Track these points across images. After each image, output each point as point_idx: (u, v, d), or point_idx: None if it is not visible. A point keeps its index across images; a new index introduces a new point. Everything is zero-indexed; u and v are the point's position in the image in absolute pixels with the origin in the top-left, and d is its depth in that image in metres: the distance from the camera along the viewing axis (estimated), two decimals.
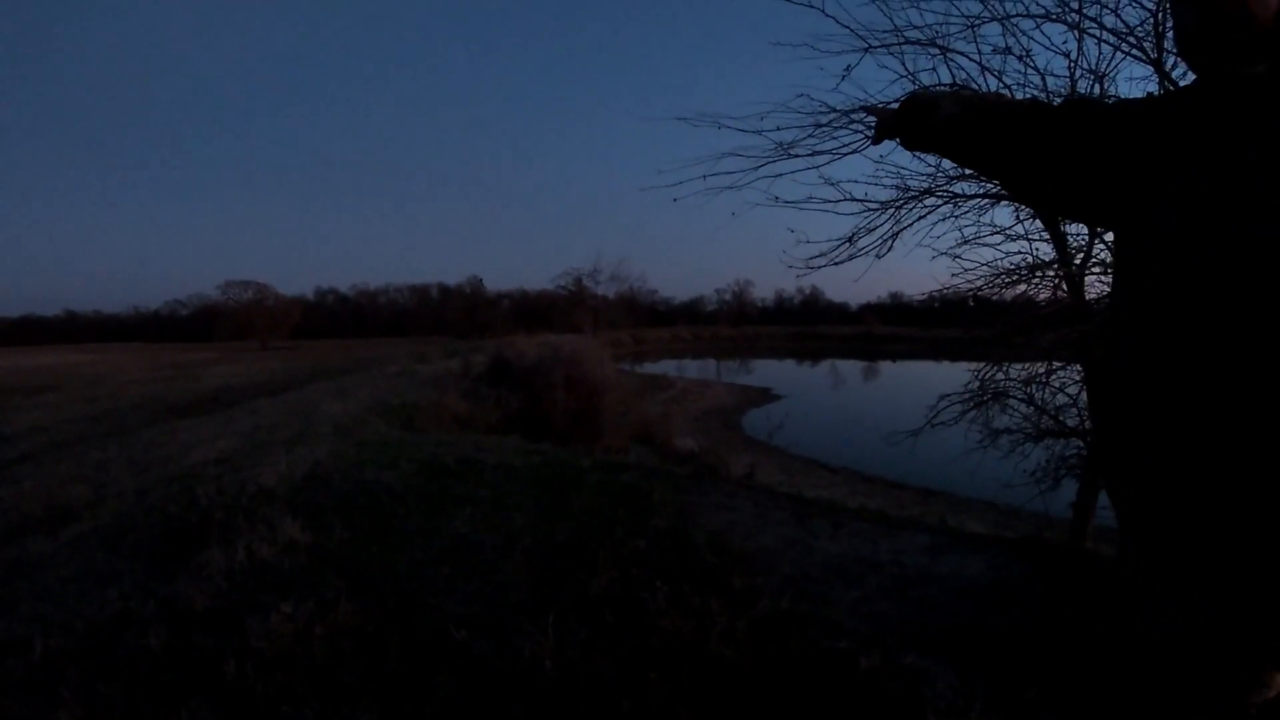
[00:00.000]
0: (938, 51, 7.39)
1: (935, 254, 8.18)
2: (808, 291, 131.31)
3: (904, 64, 7.47)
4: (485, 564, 6.35)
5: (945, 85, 7.31)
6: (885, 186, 7.94)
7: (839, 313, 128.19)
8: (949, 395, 9.78)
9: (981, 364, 10.04)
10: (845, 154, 7.56)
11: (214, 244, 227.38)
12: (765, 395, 47.49)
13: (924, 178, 7.89)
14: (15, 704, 4.78)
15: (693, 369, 70.12)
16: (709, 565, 5.88)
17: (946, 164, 7.64)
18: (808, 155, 7.52)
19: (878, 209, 7.96)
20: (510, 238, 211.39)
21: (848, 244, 8.05)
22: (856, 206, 7.92)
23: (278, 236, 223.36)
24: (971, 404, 9.64)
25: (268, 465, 10.28)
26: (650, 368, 68.43)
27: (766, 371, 69.43)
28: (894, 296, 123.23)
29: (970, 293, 8.63)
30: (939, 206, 8.03)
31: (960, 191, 7.86)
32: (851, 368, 73.23)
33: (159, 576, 6.80)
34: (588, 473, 9.21)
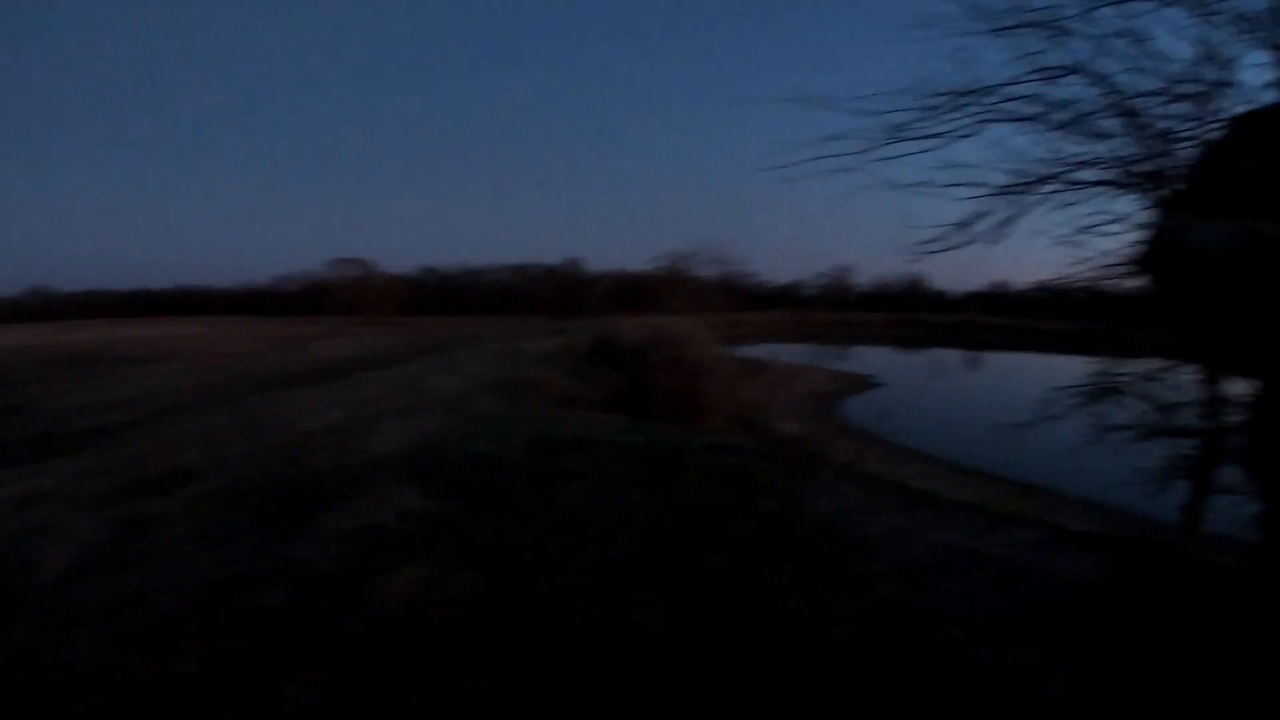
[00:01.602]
0: (1053, 33, 7.19)
1: (1050, 242, 7.94)
2: (908, 278, 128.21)
3: (1017, 45, 7.29)
4: (597, 537, 6.38)
5: (1061, 67, 7.12)
6: (1001, 171, 7.75)
7: (939, 300, 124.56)
8: (1061, 388, 9.51)
9: (1097, 358, 9.73)
10: (959, 137, 7.40)
11: (323, 222, 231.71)
12: (864, 382, 46.65)
13: (1042, 163, 7.69)
14: (135, 655, 4.89)
15: (791, 353, 69.23)
16: (821, 549, 5.84)
17: (1067, 148, 7.44)
18: (920, 138, 7.37)
19: (993, 194, 7.77)
20: (611, 219, 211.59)
21: (961, 229, 7.86)
22: (971, 191, 7.73)
23: (385, 216, 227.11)
24: (1082, 398, 9.36)
25: (380, 435, 10.51)
26: (748, 351, 67.74)
27: (865, 358, 68.16)
28: (997, 285, 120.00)
29: (1085, 283, 8.37)
30: (1057, 193, 7.81)
31: (1081, 179, 7.64)
32: (952, 357, 71.37)
33: (276, 538, 6.94)
34: (694, 453, 9.22)
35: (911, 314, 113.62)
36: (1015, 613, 4.93)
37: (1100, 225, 7.89)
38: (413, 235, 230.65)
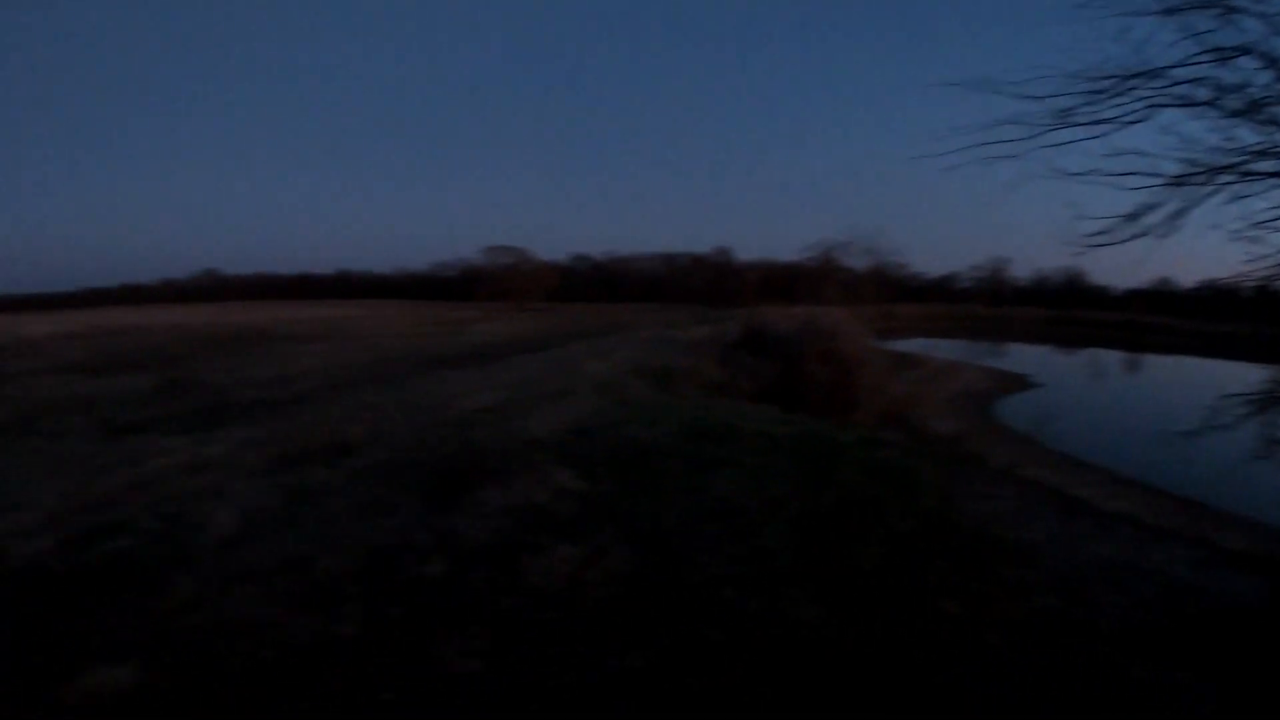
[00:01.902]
0: (1223, 11, 6.76)
1: (1223, 237, 7.43)
2: (1068, 272, 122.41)
3: (1187, 25, 6.88)
4: (749, 527, 6.27)
5: (1233, 48, 6.70)
6: (1173, 160, 7.31)
7: (1101, 297, 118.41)
8: (1230, 396, 8.88)
9: (1271, 364, 9.08)
10: (1128, 123, 7.02)
11: (480, 211, 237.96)
12: (1020, 382, 45.05)
13: (1218, 152, 7.22)
14: (296, 615, 5.07)
15: (944, 349, 67.28)
16: (978, 553, 5.66)
17: (1243, 136, 6.99)
18: (1087, 124, 7.02)
19: (1164, 184, 7.32)
20: (761, 208, 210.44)
21: (1129, 221, 7.44)
22: (1140, 181, 7.29)
23: (538, 205, 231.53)
24: (1253, 407, 8.73)
25: (535, 417, 10.67)
26: (900, 345, 66.22)
27: (1022, 356, 65.46)
28: (1161, 282, 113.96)
29: (1259, 282, 7.81)
30: (1231, 184, 7.32)
31: (1258, 169, 7.16)
32: (1113, 358, 68.11)
33: (436, 511, 7.09)
34: (848, 447, 9.03)
35: (1071, 310, 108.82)
36: (1171, 631, 4.68)
37: (1278, 220, 7.38)
38: (565, 223, 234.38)
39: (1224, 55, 6.48)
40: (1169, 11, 6.61)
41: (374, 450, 10.21)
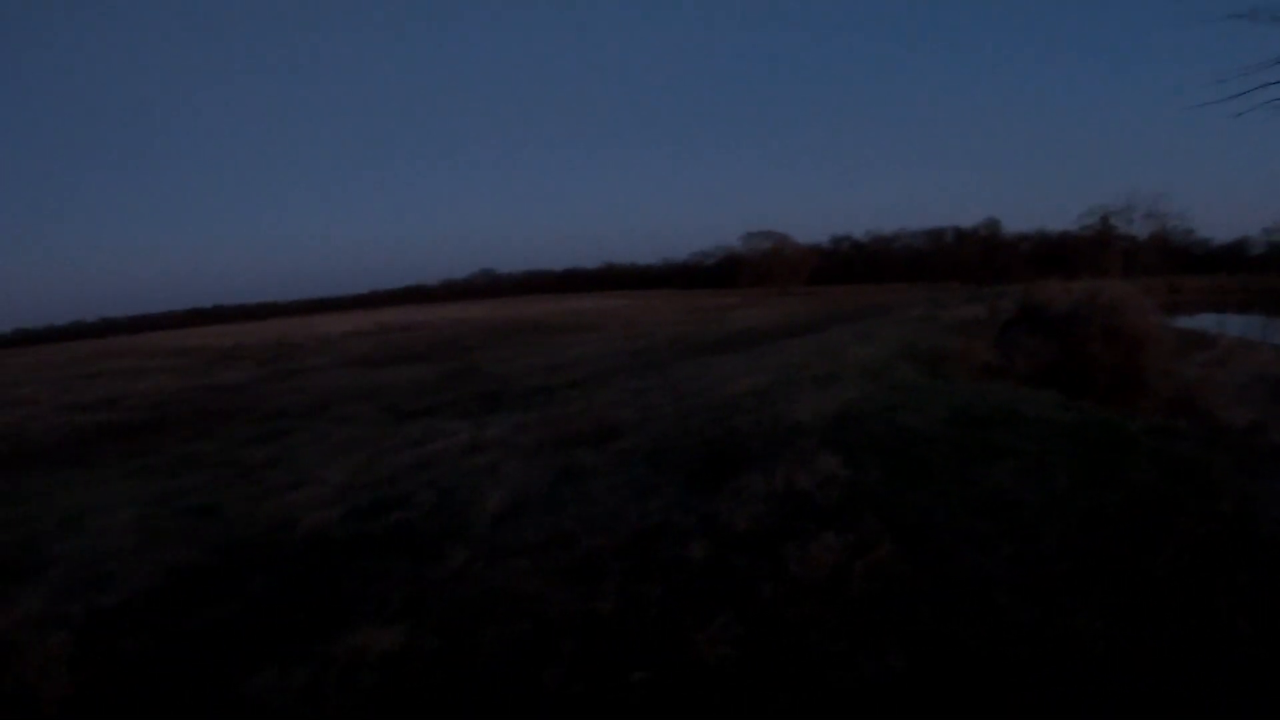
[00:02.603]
0: None
1: None
2: None
3: None
4: (1025, 524, 5.80)
5: None
6: None
7: None
8: None
9: None
10: None
11: (736, 198, 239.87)
12: None
13: None
14: (557, 590, 5.21)
15: (1237, 325, 61.71)
16: (1278, 564, 5.08)
17: None
18: None
19: None
20: (1029, 175, 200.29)
21: None
22: None
23: (796, 187, 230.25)
24: None
25: (800, 402, 10.45)
26: (1186, 322, 61.28)
27: None
28: None
29: None
30: None
31: None
32: None
33: (697, 494, 7.10)
34: (1137, 438, 8.26)
35: None
36: None
37: None
38: (826, 205, 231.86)
39: None
40: None
41: (639, 434, 10.38)
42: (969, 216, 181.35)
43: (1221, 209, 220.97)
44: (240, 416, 20.09)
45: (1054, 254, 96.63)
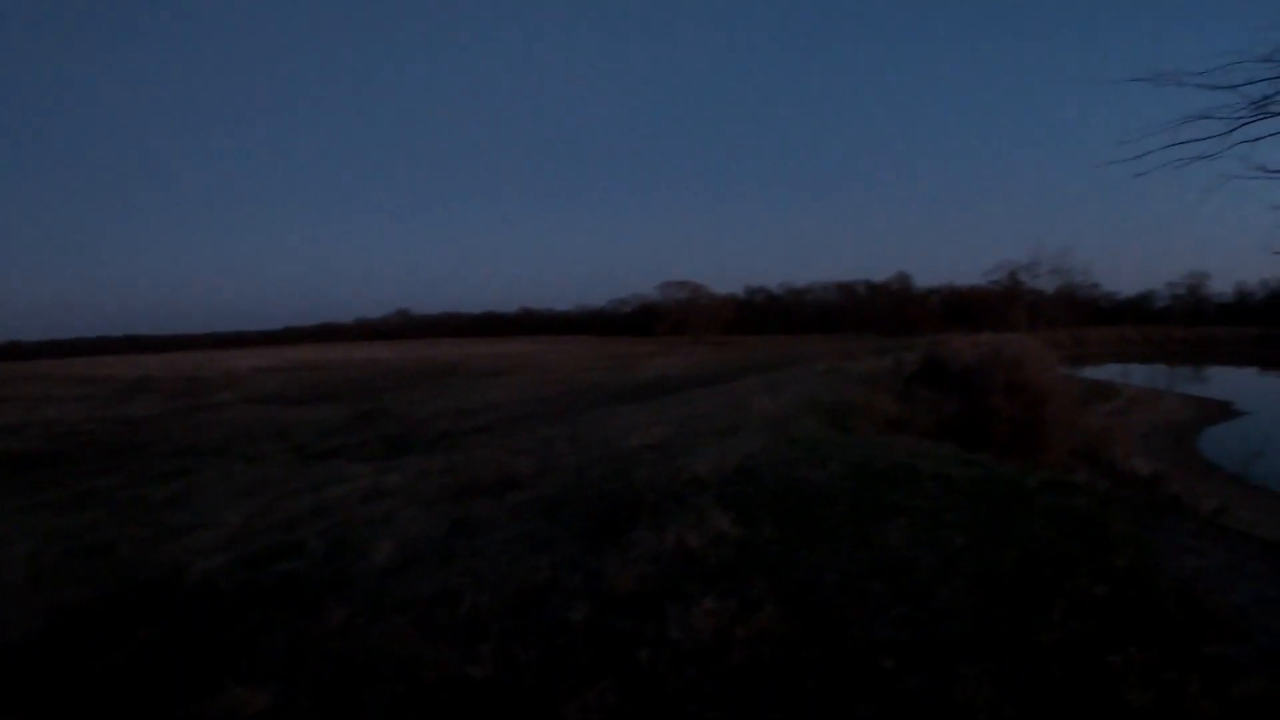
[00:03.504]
0: None
1: None
2: (1275, 285, 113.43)
3: None
4: (919, 586, 5.75)
5: None
6: None
7: None
8: None
9: None
10: None
11: (653, 247, 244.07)
12: (1224, 410, 42.13)
13: None
14: (436, 650, 5.04)
15: (1139, 375, 63.98)
16: (1177, 624, 4.98)
17: None
18: None
19: None
20: (939, 231, 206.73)
21: None
22: None
23: (712, 239, 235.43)
24: None
25: (701, 455, 10.39)
26: (1091, 372, 63.28)
27: (1225, 381, 61.37)
28: None
29: None
30: None
31: None
32: None
33: (589, 550, 6.99)
34: (1034, 493, 8.30)
35: (1278, 328, 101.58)
36: None
37: None
38: (741, 256, 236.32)
39: None
40: None
41: (540, 485, 10.27)
42: (881, 270, 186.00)
43: (1126, 264, 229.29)
44: (145, 452, 19.84)
45: (963, 307, 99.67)
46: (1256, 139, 6.28)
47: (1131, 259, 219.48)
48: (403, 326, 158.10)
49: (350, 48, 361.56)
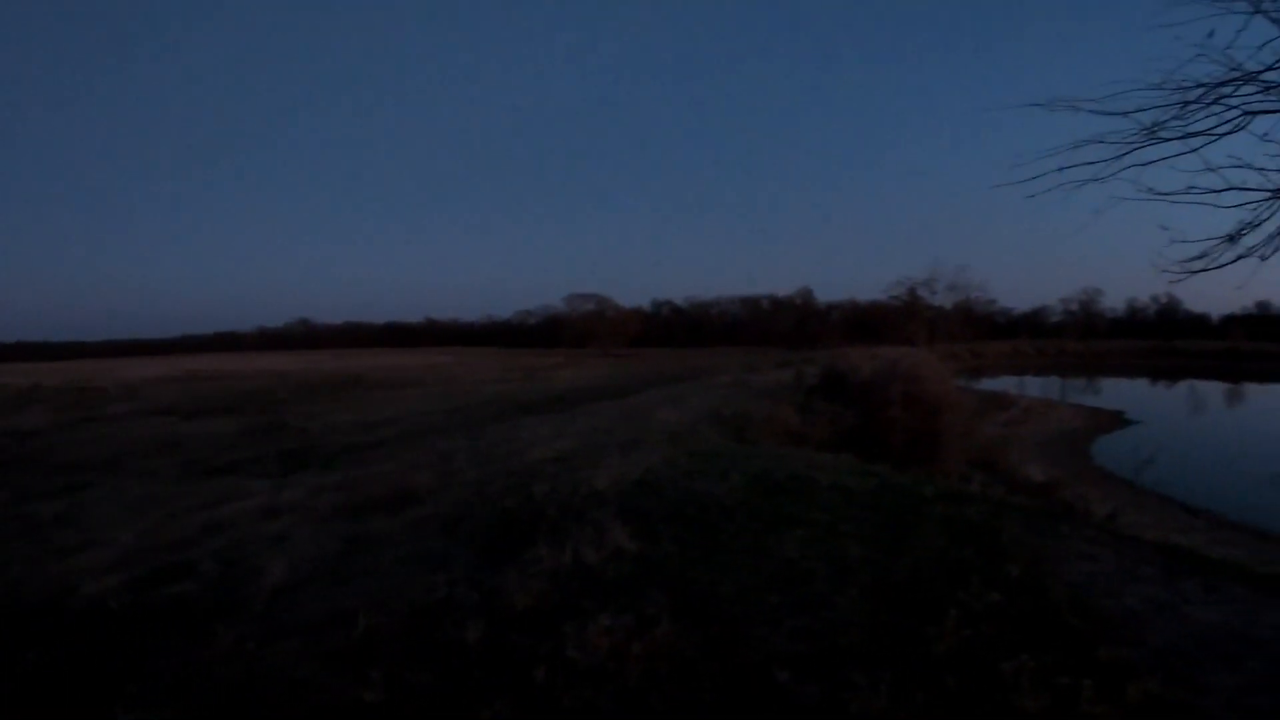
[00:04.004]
0: None
1: None
2: (1163, 301, 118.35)
3: (1277, 24, 6.28)
4: (816, 597, 5.83)
5: None
6: (1275, 171, 6.64)
7: (1199, 325, 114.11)
8: None
9: None
10: (1222, 134, 6.42)
11: (560, 260, 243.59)
12: (1116, 420, 43.40)
13: None
14: (328, 675, 4.96)
15: (1035, 387, 65.79)
16: (1070, 629, 5.06)
17: None
18: (1178, 138, 6.45)
19: (1265, 199, 6.64)
20: (841, 247, 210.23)
21: (1229, 243, 6.78)
22: (1239, 197, 6.63)
23: (619, 252, 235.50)
24: None
25: (602, 468, 10.38)
26: (989, 384, 64.93)
27: (1116, 392, 63.65)
28: (1261, 306, 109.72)
29: None
30: None
31: None
32: (1213, 390, 65.57)
33: (487, 567, 6.92)
34: (930, 502, 8.46)
35: (1167, 341, 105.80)
36: None
37: None
38: (648, 269, 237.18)
39: None
40: (1258, 9, 6.02)
41: (439, 500, 10.10)
42: (785, 285, 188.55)
43: (1022, 280, 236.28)
44: (34, 466, 18.97)
45: (864, 322, 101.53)
46: (1147, 163, 6.49)
47: (1027, 276, 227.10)
48: (304, 336, 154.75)
49: (251, 47, 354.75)
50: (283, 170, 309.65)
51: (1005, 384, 67.72)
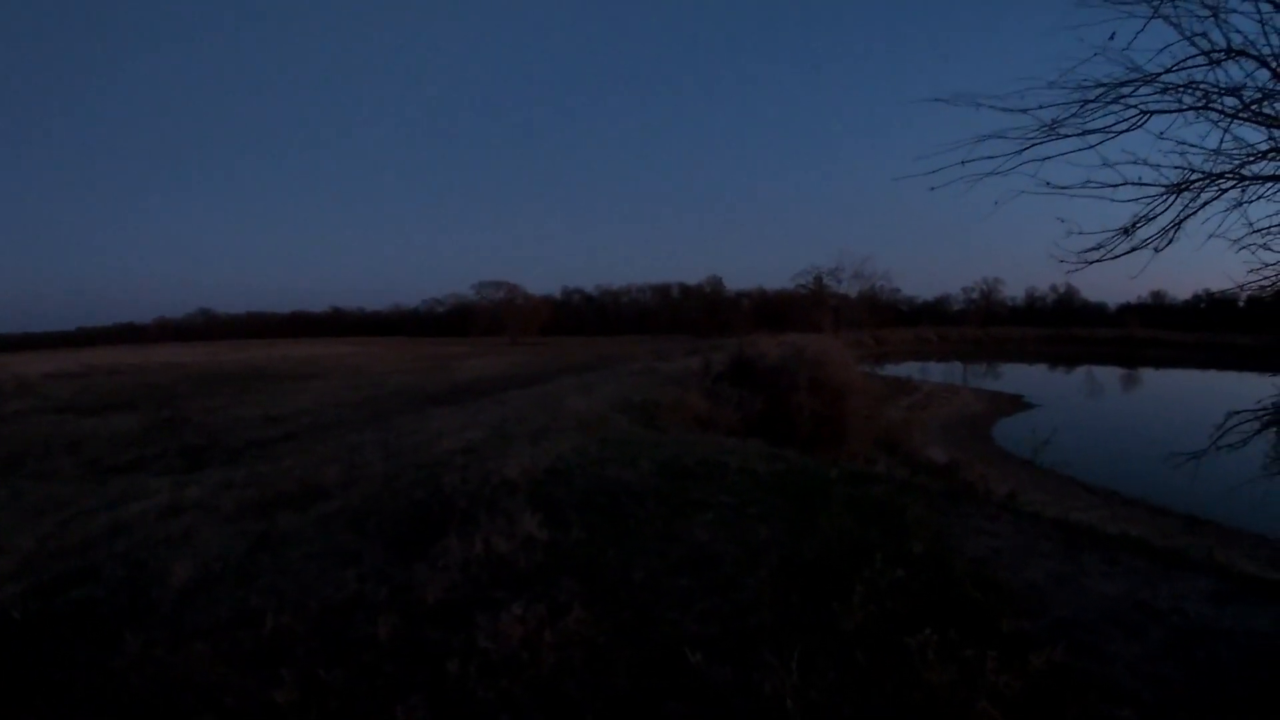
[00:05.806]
0: (1209, 14, 6.45)
1: (1223, 247, 7.03)
2: (1061, 290, 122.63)
3: (1176, 28, 6.56)
4: (725, 579, 5.95)
5: (1220, 50, 6.38)
6: (1169, 168, 6.96)
7: (1095, 314, 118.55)
8: (1241, 412, 8.45)
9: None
10: (1119, 132, 6.69)
11: (469, 247, 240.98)
12: (1016, 403, 44.69)
13: (1216, 157, 6.85)
14: (238, 676, 4.89)
15: (937, 372, 67.30)
16: (973, 602, 5.20)
17: (1243, 138, 6.65)
18: (1077, 135, 6.69)
19: (1160, 194, 6.96)
20: (750, 236, 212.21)
21: (1124, 235, 7.08)
22: (1134, 192, 6.94)
23: (528, 240, 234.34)
24: (1262, 421, 8.32)
25: (512, 457, 10.31)
26: (893, 370, 66.24)
27: (1017, 377, 65.58)
28: (1156, 296, 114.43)
29: (1263, 293, 7.44)
30: (1230, 189, 6.94)
31: (1259, 173, 6.78)
32: (1109, 375, 67.87)
33: (397, 561, 6.86)
34: (835, 484, 8.63)
35: (1065, 329, 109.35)
36: (1191, 683, 4.29)
37: None
38: (557, 257, 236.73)
39: (1217, 58, 6.16)
40: (1158, 12, 6.26)
41: (347, 494, 9.94)
42: (695, 273, 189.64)
43: (924, 270, 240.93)
44: None
45: (772, 310, 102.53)
46: (1046, 158, 6.73)
47: (930, 266, 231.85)
48: (206, 327, 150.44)
49: (141, 36, 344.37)
50: (181, 154, 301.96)
51: (909, 370, 69.14)
